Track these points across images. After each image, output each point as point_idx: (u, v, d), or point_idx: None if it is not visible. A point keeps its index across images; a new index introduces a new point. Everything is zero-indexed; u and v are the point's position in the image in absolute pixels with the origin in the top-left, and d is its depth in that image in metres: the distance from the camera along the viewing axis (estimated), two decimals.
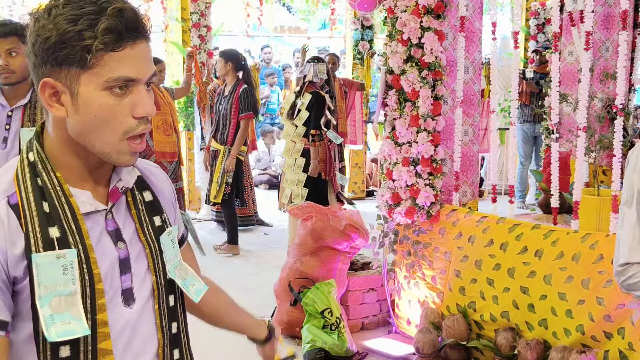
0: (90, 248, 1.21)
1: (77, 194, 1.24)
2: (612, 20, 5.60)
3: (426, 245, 4.09)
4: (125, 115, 1.20)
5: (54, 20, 1.14)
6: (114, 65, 1.16)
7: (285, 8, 14.42)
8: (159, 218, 1.34)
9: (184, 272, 1.36)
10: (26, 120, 3.04)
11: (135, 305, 1.27)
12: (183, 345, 1.37)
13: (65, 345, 1.18)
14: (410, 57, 4.04)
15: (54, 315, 1.16)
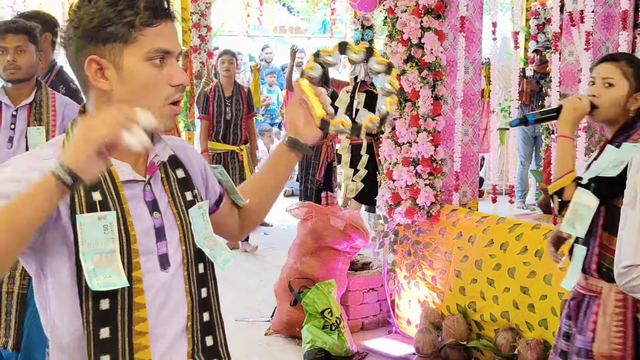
0: (128, 212, 1.33)
1: (117, 164, 1.35)
2: (613, 21, 5.59)
3: (426, 246, 4.09)
4: (164, 83, 1.34)
5: (95, 5, 1.29)
6: (152, 38, 1.31)
7: (286, 8, 14.42)
8: (190, 193, 1.46)
9: (213, 242, 1.46)
10: (32, 119, 3.03)
11: (170, 270, 1.38)
12: (213, 308, 1.47)
13: (105, 299, 1.29)
14: (410, 57, 4.04)
15: (96, 269, 1.27)
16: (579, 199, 2.27)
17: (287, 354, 4.07)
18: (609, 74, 2.33)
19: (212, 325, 1.46)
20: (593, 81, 2.38)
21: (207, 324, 1.45)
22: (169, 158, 1.45)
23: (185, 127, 8.12)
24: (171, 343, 1.38)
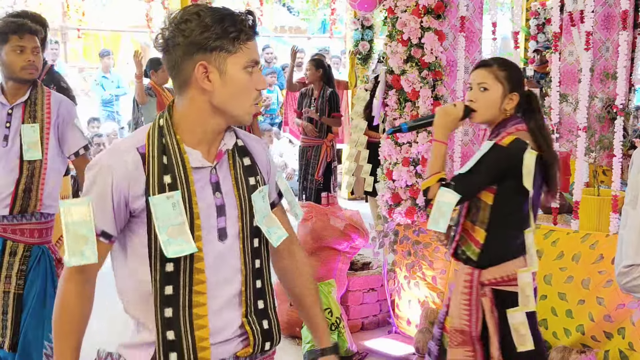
0: (194, 193, 1.61)
1: (190, 152, 1.64)
2: (612, 20, 5.60)
3: (426, 246, 4.09)
4: (253, 88, 1.65)
5: (205, 21, 1.58)
6: (250, 51, 1.64)
7: (286, 8, 14.42)
8: (254, 179, 1.71)
9: (271, 222, 1.71)
10: (27, 117, 3.03)
11: (227, 242, 1.65)
12: (265, 277, 1.72)
13: (170, 263, 1.57)
14: (410, 57, 4.04)
15: (170, 239, 1.56)
16: (441, 197, 2.51)
17: (287, 354, 4.07)
18: (482, 79, 2.56)
19: (263, 291, 1.70)
20: (470, 87, 2.63)
21: (259, 290, 1.69)
22: (238, 147, 1.72)
23: None
24: (226, 303, 1.64)
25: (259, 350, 1.69)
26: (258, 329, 1.67)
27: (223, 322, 1.63)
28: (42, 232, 3.12)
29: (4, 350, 3.04)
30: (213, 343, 1.61)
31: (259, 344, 1.68)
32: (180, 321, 1.59)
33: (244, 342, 1.67)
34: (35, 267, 3.09)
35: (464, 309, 2.62)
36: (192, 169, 1.62)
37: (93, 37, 12.36)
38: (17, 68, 2.98)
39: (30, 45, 2.99)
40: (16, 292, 3.05)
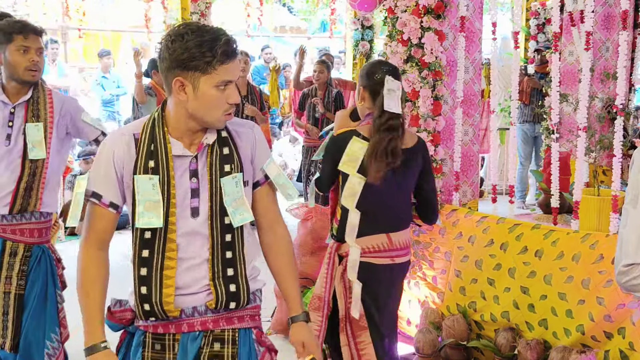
0: (172, 177, 1.95)
1: (174, 142, 1.97)
2: (613, 20, 5.60)
3: (426, 246, 4.09)
4: (224, 102, 1.94)
5: (186, 44, 1.86)
6: (222, 73, 1.90)
7: (286, 8, 14.42)
8: (229, 166, 2.00)
9: (239, 204, 1.99)
10: (29, 116, 3.04)
11: (199, 219, 1.98)
12: (236, 249, 2.01)
13: (148, 231, 1.95)
14: (410, 57, 4.04)
15: (144, 212, 1.93)
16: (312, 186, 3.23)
17: (287, 354, 4.06)
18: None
19: (234, 261, 2.00)
20: None
21: (229, 259, 2.00)
22: (220, 139, 2.01)
23: None
24: (195, 267, 1.98)
25: (222, 306, 2.00)
26: (223, 290, 1.98)
27: (190, 281, 1.98)
28: (42, 232, 3.13)
29: (4, 351, 3.04)
30: (178, 294, 1.97)
31: (222, 302, 1.99)
32: (152, 279, 1.95)
33: (210, 296, 1.99)
34: (36, 268, 3.09)
35: (323, 277, 3.02)
36: (173, 157, 1.96)
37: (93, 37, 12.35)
38: (21, 68, 2.99)
39: (34, 45, 2.99)
40: (17, 292, 3.05)
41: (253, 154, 2.08)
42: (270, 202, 2.15)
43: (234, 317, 2.04)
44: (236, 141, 2.05)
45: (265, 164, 2.09)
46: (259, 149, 2.09)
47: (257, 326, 2.12)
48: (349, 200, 2.92)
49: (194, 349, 1.99)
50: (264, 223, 2.15)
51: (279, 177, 2.11)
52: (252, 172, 2.08)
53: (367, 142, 2.88)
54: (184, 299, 1.98)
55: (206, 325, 2.01)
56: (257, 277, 2.13)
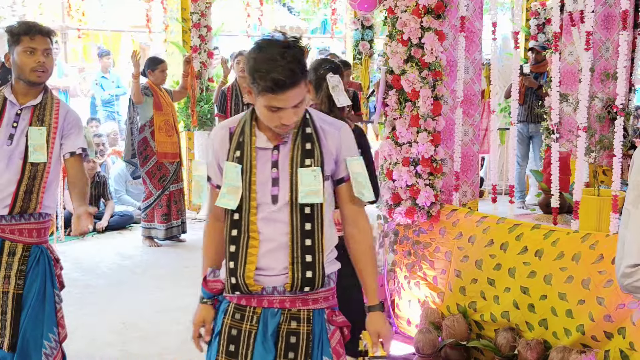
0: (254, 166, 2.20)
1: (259, 135, 2.22)
2: (613, 21, 5.60)
3: (426, 245, 4.09)
4: (277, 120, 2.12)
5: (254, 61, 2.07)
6: (269, 99, 2.08)
7: (286, 8, 14.42)
8: (310, 160, 2.19)
9: (314, 194, 2.18)
10: (35, 120, 3.05)
11: (278, 205, 2.19)
12: (316, 238, 2.19)
13: (236, 214, 2.20)
14: (410, 57, 4.03)
15: (225, 194, 2.21)
16: None
17: None
18: None
19: (312, 249, 2.19)
20: None
21: (308, 247, 2.18)
22: (304, 135, 2.21)
23: (185, 127, 8.12)
24: (274, 250, 2.18)
25: (297, 289, 2.19)
26: (299, 276, 2.17)
27: (270, 262, 2.18)
28: (41, 232, 3.13)
29: (3, 351, 3.04)
30: (259, 274, 2.18)
31: (297, 286, 2.18)
32: (239, 255, 2.19)
33: (287, 279, 2.18)
34: (35, 267, 3.09)
35: None
36: (256, 149, 2.20)
37: (93, 38, 12.35)
38: (27, 69, 2.99)
39: (41, 46, 2.99)
40: (15, 292, 3.04)
41: (338, 153, 2.25)
42: (353, 197, 2.30)
43: (309, 299, 2.24)
44: (320, 138, 2.23)
45: (349, 159, 2.26)
46: (344, 148, 2.26)
47: (330, 306, 2.31)
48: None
49: (274, 324, 2.22)
50: (348, 215, 2.32)
51: (359, 175, 2.27)
52: (335, 168, 2.26)
53: None
54: (264, 279, 2.19)
55: (284, 304, 2.22)
56: (334, 261, 2.31)
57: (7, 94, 3.07)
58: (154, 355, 4.23)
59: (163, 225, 6.90)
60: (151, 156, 6.80)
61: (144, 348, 4.34)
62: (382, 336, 2.32)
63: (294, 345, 2.23)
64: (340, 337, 2.32)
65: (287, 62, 2.03)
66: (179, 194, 7.00)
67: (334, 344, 2.28)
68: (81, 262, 6.31)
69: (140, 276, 5.98)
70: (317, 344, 2.25)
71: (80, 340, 4.32)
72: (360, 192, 2.27)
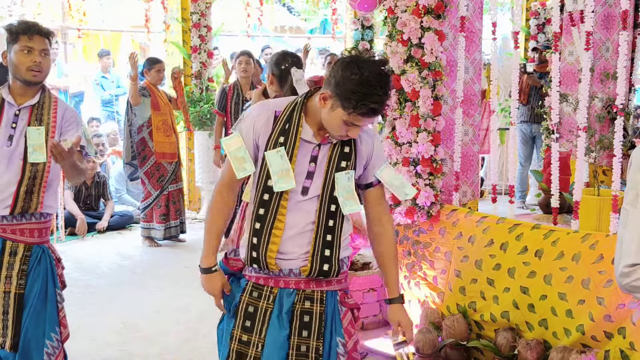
0: (295, 155, 2.30)
1: (306, 127, 2.32)
2: (613, 21, 5.60)
3: (426, 246, 4.09)
4: (342, 131, 2.25)
5: (350, 78, 2.14)
6: (355, 119, 2.19)
7: (286, 8, 14.42)
8: (345, 163, 2.33)
9: (350, 196, 2.32)
10: (33, 120, 3.04)
11: (306, 197, 2.32)
12: (335, 234, 2.35)
13: (266, 194, 2.31)
14: (410, 57, 4.03)
15: (279, 179, 2.28)
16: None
17: None
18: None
19: (332, 244, 2.35)
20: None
21: (328, 242, 2.34)
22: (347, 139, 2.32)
23: (184, 127, 8.12)
24: (297, 234, 2.33)
25: (316, 270, 2.34)
26: (317, 268, 2.33)
27: (291, 248, 2.32)
28: (42, 232, 3.13)
29: (4, 350, 3.05)
30: (279, 258, 2.32)
31: (314, 274, 2.34)
32: (262, 233, 2.31)
33: (305, 262, 2.34)
34: (36, 267, 3.09)
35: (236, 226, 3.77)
36: (300, 139, 2.30)
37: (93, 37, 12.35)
38: (24, 69, 2.99)
39: (38, 47, 2.99)
40: (17, 292, 3.04)
41: (368, 160, 2.40)
42: (380, 199, 2.49)
43: (323, 281, 2.39)
44: (357, 143, 2.37)
45: (378, 170, 2.41)
46: (375, 157, 2.41)
47: (343, 288, 2.47)
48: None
49: (289, 303, 2.36)
50: (373, 215, 2.49)
51: (394, 180, 2.42)
52: (364, 174, 2.42)
53: None
54: (283, 262, 2.34)
55: (299, 285, 2.37)
56: (347, 246, 2.48)
57: (4, 94, 3.06)
58: (154, 355, 4.23)
59: (161, 226, 6.91)
60: (149, 156, 6.80)
61: (144, 348, 4.35)
62: (403, 325, 2.50)
63: (307, 323, 2.35)
64: (352, 318, 2.45)
65: (384, 93, 2.16)
66: (177, 194, 7.00)
67: (345, 324, 2.40)
68: (81, 262, 6.32)
69: (140, 276, 5.98)
70: (329, 323, 2.38)
71: (81, 340, 4.32)
72: (403, 194, 2.43)
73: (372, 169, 2.43)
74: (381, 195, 2.50)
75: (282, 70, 3.58)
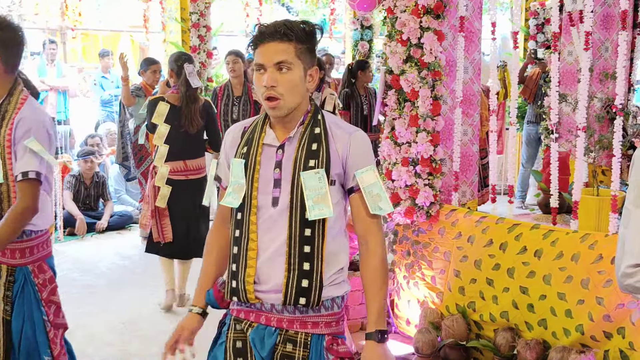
0: (258, 163, 2.09)
1: (269, 132, 2.13)
2: (612, 20, 5.60)
3: (425, 245, 4.09)
4: (261, 82, 2.05)
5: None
6: (256, 57, 2.06)
7: (285, 8, 14.42)
8: (314, 161, 2.06)
9: (321, 199, 2.03)
10: None
11: (278, 208, 2.06)
12: (316, 245, 2.06)
13: (239, 213, 2.11)
14: (409, 57, 4.03)
15: (231, 192, 2.12)
16: None
17: None
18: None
19: (311, 256, 2.05)
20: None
21: (306, 254, 2.05)
22: (312, 135, 2.10)
23: None
24: (272, 255, 2.06)
25: (292, 301, 2.04)
26: (294, 284, 2.04)
27: (268, 273, 2.06)
28: (25, 252, 2.89)
29: None
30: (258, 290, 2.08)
31: (291, 294, 2.04)
32: (240, 258, 2.09)
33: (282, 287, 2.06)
34: (20, 295, 2.90)
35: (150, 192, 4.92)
36: (263, 145, 2.11)
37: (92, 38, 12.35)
38: None
39: None
40: (4, 316, 2.88)
41: (344, 159, 2.10)
42: (362, 211, 2.15)
43: (308, 321, 2.10)
44: (329, 139, 2.10)
45: (359, 171, 2.10)
46: (353, 154, 2.10)
47: (332, 333, 2.14)
48: (158, 140, 4.79)
49: (270, 343, 2.09)
50: (358, 231, 2.21)
51: (373, 187, 2.11)
52: (344, 175, 2.13)
53: (169, 104, 4.81)
54: (262, 294, 2.08)
55: (281, 324, 2.10)
56: (342, 284, 2.16)
57: None
58: (154, 355, 4.23)
59: None
60: (146, 157, 6.79)
61: (144, 348, 4.34)
62: None
63: None
64: None
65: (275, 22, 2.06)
66: None
67: None
68: (80, 262, 6.31)
69: (139, 276, 5.98)
70: None
71: (80, 340, 4.32)
72: (376, 207, 2.12)
73: (352, 170, 2.12)
74: (365, 206, 2.15)
75: (178, 66, 4.87)
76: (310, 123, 2.12)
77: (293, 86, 2.04)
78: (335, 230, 2.12)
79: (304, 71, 2.08)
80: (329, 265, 2.09)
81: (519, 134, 8.17)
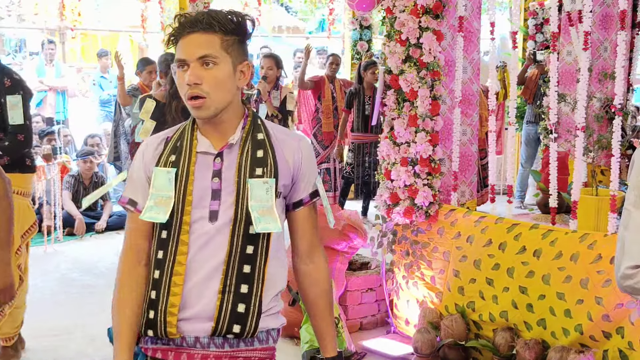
0: (192, 172, 1.78)
1: (201, 139, 1.82)
2: (611, 20, 5.60)
3: (425, 245, 4.09)
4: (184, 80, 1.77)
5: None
6: (177, 53, 1.79)
7: (284, 8, 14.41)
8: (261, 169, 1.79)
9: (267, 212, 1.76)
10: None
11: (217, 224, 1.77)
12: (257, 264, 1.78)
13: (164, 231, 1.78)
14: (408, 57, 4.04)
15: (153, 206, 1.77)
16: None
17: (285, 354, 4.07)
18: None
19: (251, 278, 1.77)
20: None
21: (246, 275, 1.77)
22: (255, 141, 1.83)
23: None
24: (204, 279, 1.76)
25: (223, 330, 1.76)
26: (229, 308, 1.75)
27: (196, 298, 1.76)
28: None
29: None
30: (182, 318, 1.76)
31: (224, 321, 1.75)
32: (162, 284, 1.77)
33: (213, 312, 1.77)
34: None
35: None
36: (197, 153, 1.81)
37: (91, 38, 12.34)
38: None
39: None
40: None
41: (296, 168, 1.85)
42: (310, 227, 1.92)
43: (239, 356, 1.80)
44: (275, 146, 1.83)
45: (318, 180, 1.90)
46: (305, 165, 1.87)
47: None
48: (143, 134, 4.68)
49: None
50: (301, 249, 1.93)
51: (324, 199, 1.92)
52: (292, 187, 1.86)
53: (155, 101, 4.79)
54: (186, 324, 1.77)
55: None
56: (278, 315, 1.89)
57: None
58: None
59: None
60: None
61: None
62: None
63: None
64: None
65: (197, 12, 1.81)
66: None
67: None
68: (80, 262, 6.30)
69: None
70: None
71: (80, 340, 4.32)
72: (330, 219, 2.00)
73: (304, 180, 1.87)
74: (313, 221, 1.92)
75: (166, 66, 4.99)
76: (252, 128, 1.84)
77: (220, 83, 1.76)
78: (274, 249, 1.83)
79: (233, 66, 1.79)
80: (268, 288, 1.81)
81: (518, 134, 8.17)
